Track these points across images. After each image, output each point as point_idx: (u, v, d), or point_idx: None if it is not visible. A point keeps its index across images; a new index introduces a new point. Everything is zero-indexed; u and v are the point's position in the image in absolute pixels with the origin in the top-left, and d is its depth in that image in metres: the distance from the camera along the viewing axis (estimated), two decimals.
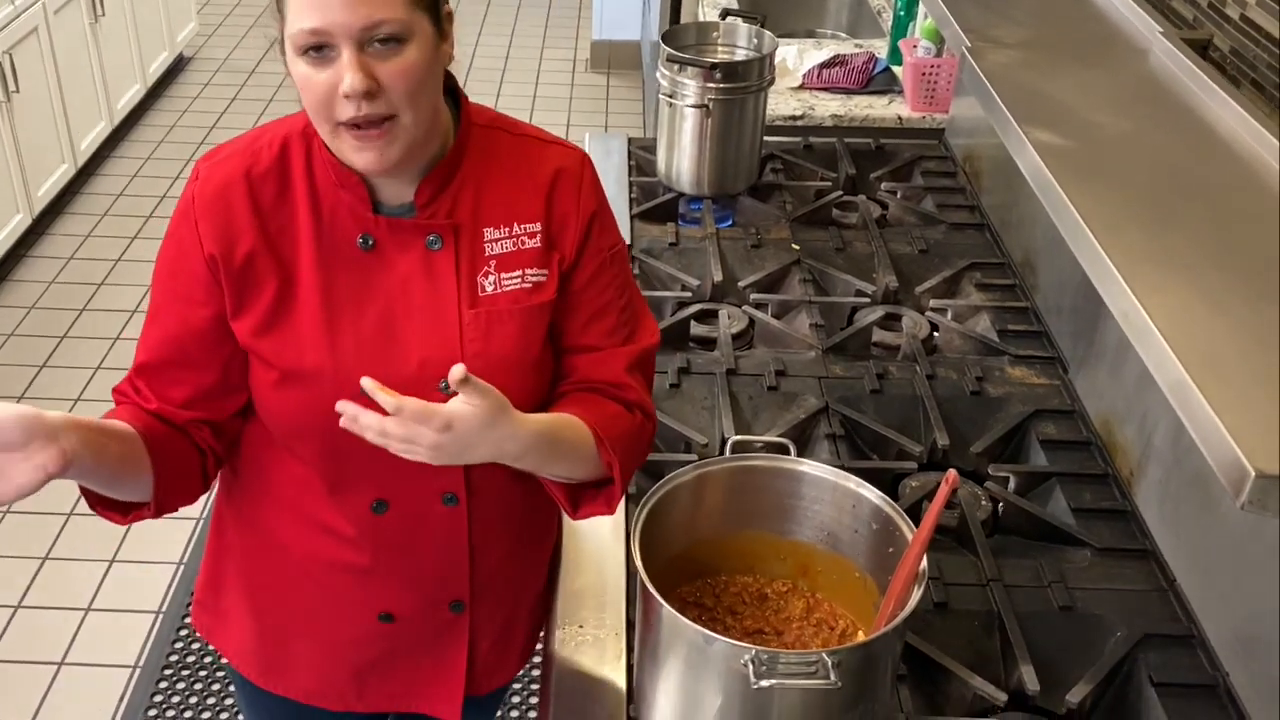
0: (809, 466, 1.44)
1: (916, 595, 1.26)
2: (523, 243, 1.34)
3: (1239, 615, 1.49)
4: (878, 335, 2.15)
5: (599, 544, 1.62)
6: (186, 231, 1.31)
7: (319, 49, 1.19)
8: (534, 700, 2.70)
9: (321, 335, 1.31)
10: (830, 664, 1.18)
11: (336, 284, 1.31)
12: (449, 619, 1.50)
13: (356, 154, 1.23)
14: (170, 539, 3.15)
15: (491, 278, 1.33)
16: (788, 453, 1.48)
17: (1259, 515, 0.94)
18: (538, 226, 1.34)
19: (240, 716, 1.73)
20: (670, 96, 2.46)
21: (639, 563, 1.28)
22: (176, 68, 5.78)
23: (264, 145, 1.33)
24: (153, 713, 2.68)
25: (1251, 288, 1.19)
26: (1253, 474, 0.93)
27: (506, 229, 1.34)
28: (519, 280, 1.34)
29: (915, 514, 1.36)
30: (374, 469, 1.35)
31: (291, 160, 1.31)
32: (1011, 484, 1.80)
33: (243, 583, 1.54)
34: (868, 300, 2.23)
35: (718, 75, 2.40)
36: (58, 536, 3.15)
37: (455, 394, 1.18)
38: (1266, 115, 1.46)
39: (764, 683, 1.18)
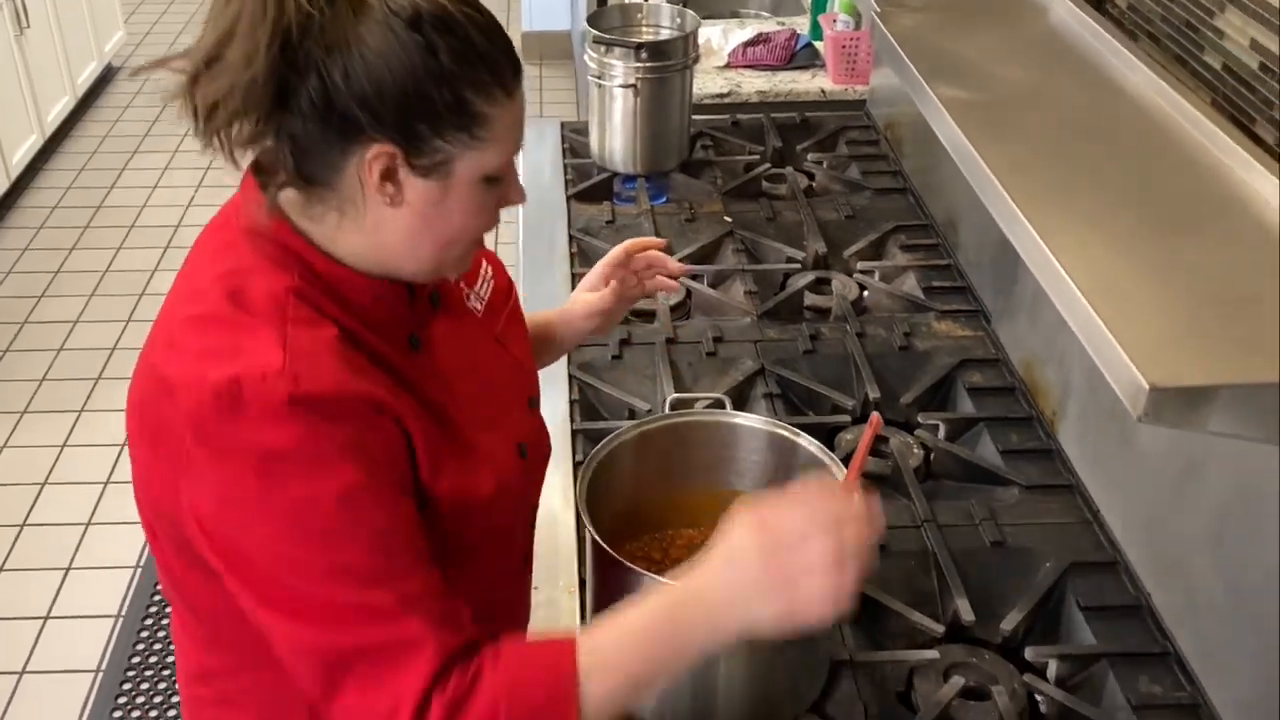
0: (743, 418, 1.50)
1: None
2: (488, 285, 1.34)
3: (1157, 540, 1.58)
4: (809, 299, 2.21)
5: (548, 508, 1.67)
6: (364, 416, 1.06)
7: (503, 174, 1.11)
8: None
9: (473, 449, 1.18)
10: None
11: (441, 393, 1.17)
12: None
13: (466, 260, 1.17)
14: (127, 543, 3.17)
15: (473, 298, 1.30)
16: (724, 407, 1.54)
17: (1153, 425, 1.02)
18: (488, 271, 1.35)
19: None
20: (599, 78, 2.52)
21: (587, 521, 1.34)
22: (106, 78, 5.74)
23: (292, 317, 1.06)
24: (118, 714, 2.70)
25: (1150, 223, 1.26)
26: (1147, 388, 1.00)
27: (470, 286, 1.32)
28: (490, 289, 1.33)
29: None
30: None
31: (324, 308, 1.09)
32: (941, 431, 1.88)
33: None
34: (798, 266, 2.30)
35: (644, 54, 2.46)
36: (12, 547, 3.16)
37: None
38: (1162, 66, 1.54)
39: None
